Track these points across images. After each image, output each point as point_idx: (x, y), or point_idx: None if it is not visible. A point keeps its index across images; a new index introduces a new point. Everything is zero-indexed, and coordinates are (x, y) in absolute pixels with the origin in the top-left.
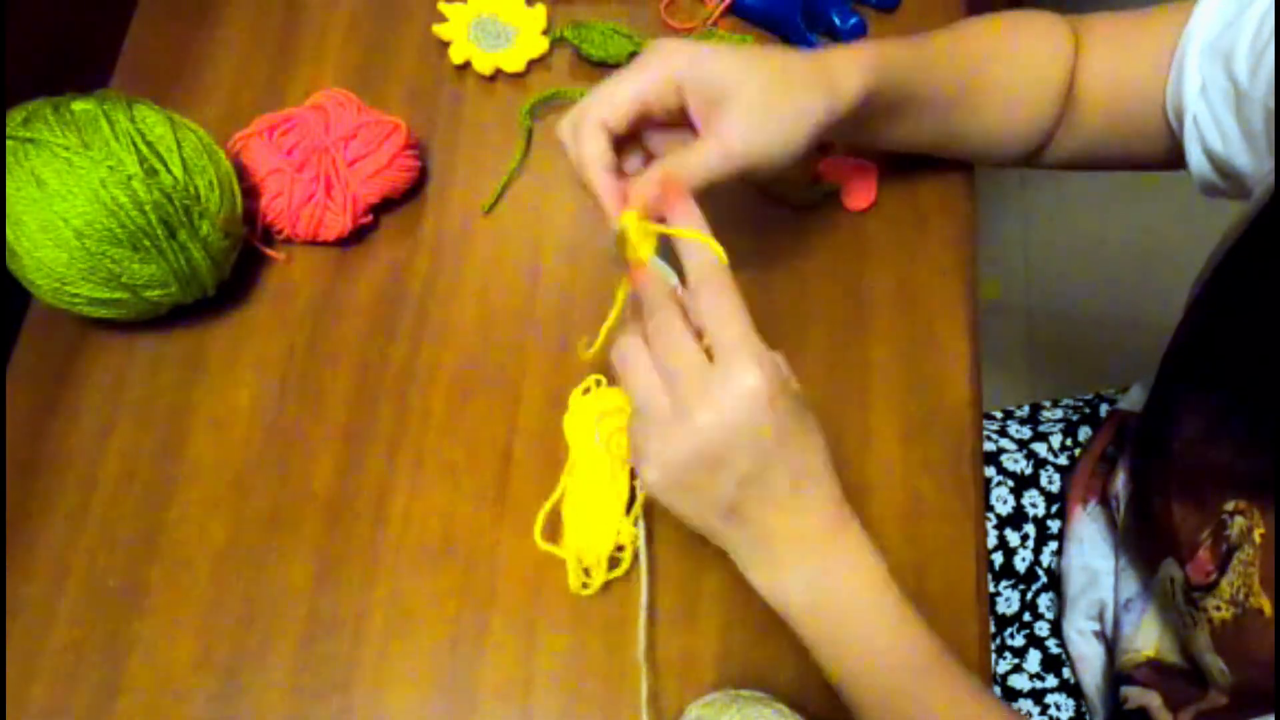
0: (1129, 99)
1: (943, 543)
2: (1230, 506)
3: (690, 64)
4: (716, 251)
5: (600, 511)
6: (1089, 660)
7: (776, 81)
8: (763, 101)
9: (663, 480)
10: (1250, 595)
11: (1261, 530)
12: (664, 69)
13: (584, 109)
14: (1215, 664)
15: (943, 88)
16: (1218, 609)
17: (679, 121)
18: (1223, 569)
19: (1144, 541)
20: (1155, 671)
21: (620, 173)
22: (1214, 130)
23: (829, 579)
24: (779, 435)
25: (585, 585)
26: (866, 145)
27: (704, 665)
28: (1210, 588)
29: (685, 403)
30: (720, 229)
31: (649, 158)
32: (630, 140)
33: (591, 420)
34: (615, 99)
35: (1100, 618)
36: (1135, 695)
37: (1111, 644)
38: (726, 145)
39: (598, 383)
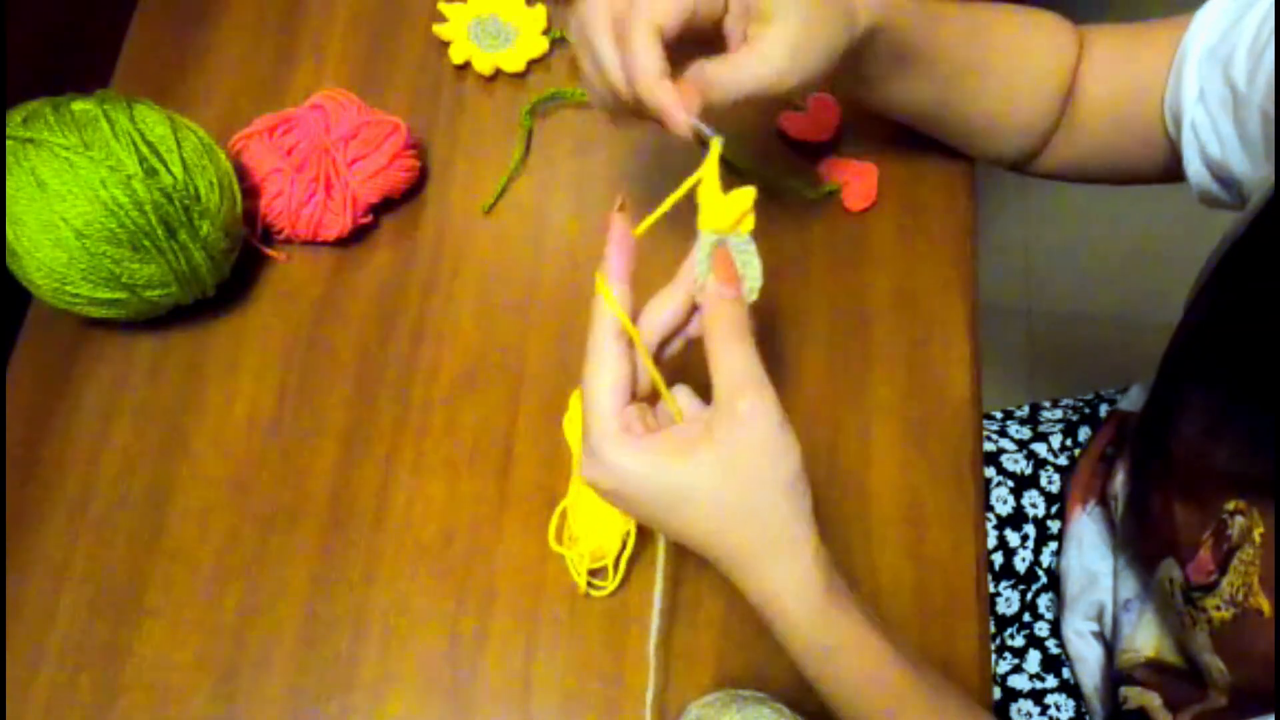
0: (1129, 107)
1: (943, 543)
2: (1230, 506)
3: None
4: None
5: (609, 512)
6: (1087, 661)
7: (815, 11)
8: (803, 31)
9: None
10: (1250, 595)
11: (1261, 530)
12: None
13: (630, 10)
14: (1214, 664)
15: (947, 51)
16: (1217, 609)
17: (705, 37)
18: (1223, 569)
19: (1143, 541)
20: (1155, 672)
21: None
22: (1212, 136)
23: (779, 620)
24: (645, 508)
25: (594, 586)
26: (862, 97)
27: (704, 665)
28: (1210, 588)
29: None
30: None
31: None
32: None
33: None
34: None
35: (1099, 618)
36: (1135, 696)
37: (1110, 644)
38: (770, 64)
39: None
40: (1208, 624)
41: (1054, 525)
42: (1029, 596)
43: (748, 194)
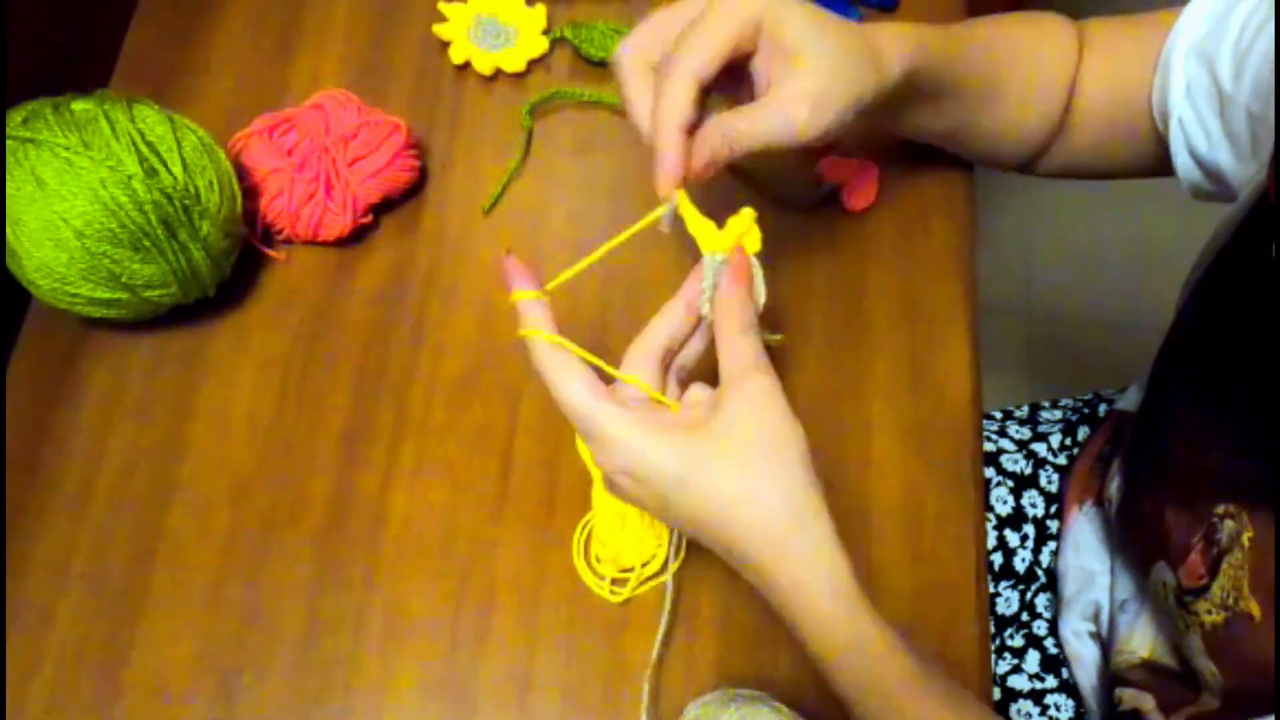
0: (1121, 103)
1: (943, 543)
2: (1221, 510)
3: (770, 7)
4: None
5: (638, 519)
6: (1084, 661)
7: (842, 56)
8: (830, 77)
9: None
10: (1240, 599)
11: (1250, 534)
12: (748, 8)
13: (674, 55)
14: (1207, 667)
15: (970, 80)
16: (1209, 613)
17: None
18: (1213, 573)
19: (1137, 544)
20: (1150, 673)
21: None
22: (1199, 132)
23: (798, 597)
24: (657, 486)
25: (614, 593)
26: (888, 130)
27: (703, 665)
28: (1201, 591)
29: None
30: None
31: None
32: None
33: None
34: (708, 45)
35: (1095, 619)
36: (1129, 697)
37: (1107, 645)
38: (788, 120)
39: None
40: (1200, 628)
41: (1053, 525)
42: (1028, 596)
43: (745, 216)
